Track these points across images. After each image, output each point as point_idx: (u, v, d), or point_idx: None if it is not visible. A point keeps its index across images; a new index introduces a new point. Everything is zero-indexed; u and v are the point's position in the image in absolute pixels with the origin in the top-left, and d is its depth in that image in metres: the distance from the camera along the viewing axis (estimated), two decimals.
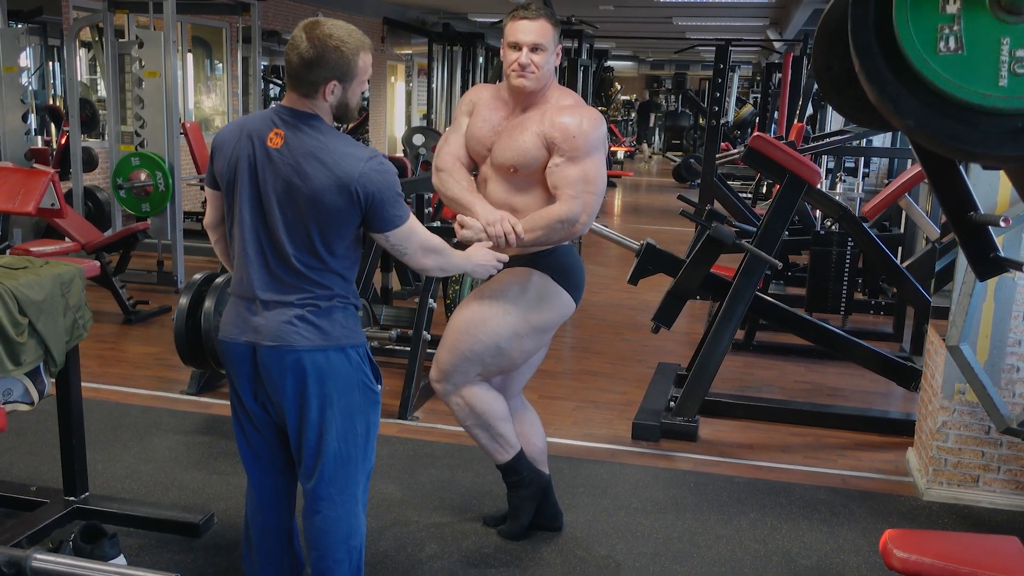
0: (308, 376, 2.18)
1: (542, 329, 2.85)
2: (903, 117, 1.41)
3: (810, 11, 10.56)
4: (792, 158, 4.04)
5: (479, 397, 2.90)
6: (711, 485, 3.60)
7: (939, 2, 1.37)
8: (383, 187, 2.12)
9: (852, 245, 5.22)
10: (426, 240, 2.27)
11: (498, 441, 2.95)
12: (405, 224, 2.19)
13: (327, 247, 2.16)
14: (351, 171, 2.09)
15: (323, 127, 2.14)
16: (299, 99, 2.14)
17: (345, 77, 2.11)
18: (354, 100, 2.20)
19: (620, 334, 5.92)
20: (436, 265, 2.33)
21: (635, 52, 23.70)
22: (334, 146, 2.12)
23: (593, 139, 2.69)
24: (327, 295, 2.20)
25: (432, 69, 12.46)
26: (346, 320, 2.23)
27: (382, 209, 2.14)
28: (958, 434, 3.49)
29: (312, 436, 2.24)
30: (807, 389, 4.91)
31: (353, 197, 2.11)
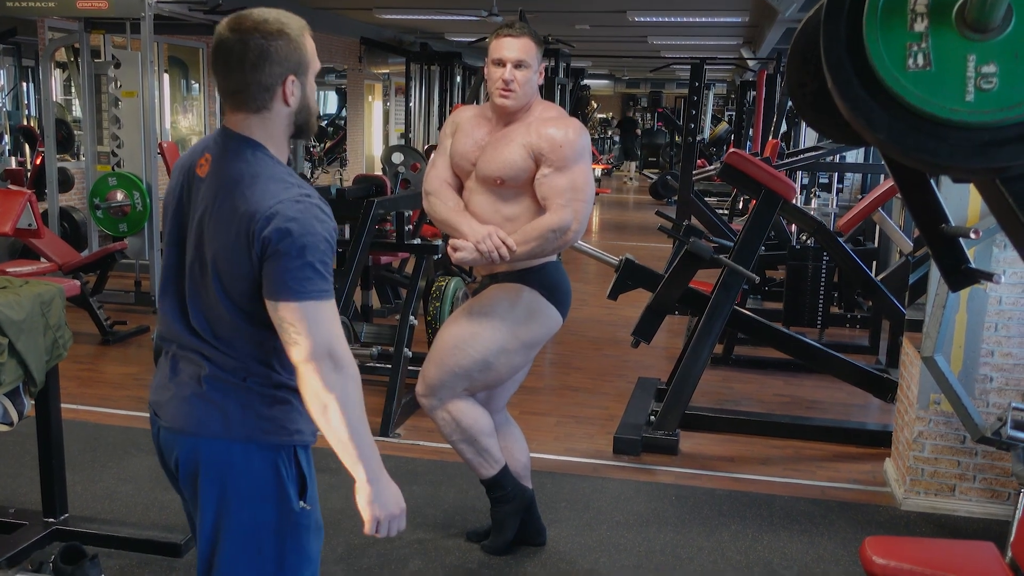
0: (201, 471, 1.69)
1: (530, 345, 2.88)
2: (875, 131, 1.46)
3: (783, 30, 10.70)
4: (767, 174, 4.10)
5: (465, 412, 2.91)
6: (692, 498, 3.62)
7: (908, 20, 1.41)
8: (290, 236, 1.54)
9: (828, 259, 5.29)
10: (337, 345, 1.59)
11: (483, 456, 2.96)
12: (309, 302, 1.56)
13: (234, 305, 1.64)
14: (257, 207, 1.56)
15: (260, 153, 1.64)
16: (246, 118, 1.65)
17: (300, 67, 1.64)
18: (314, 100, 1.72)
19: (600, 349, 5.95)
20: (331, 390, 1.57)
21: (611, 71, 23.89)
22: (257, 174, 1.61)
23: (579, 147, 2.73)
24: (237, 370, 1.67)
25: (409, 88, 12.51)
26: (266, 410, 1.67)
27: (277, 266, 1.55)
28: (934, 444, 3.55)
29: (204, 548, 1.74)
30: (786, 402, 4.95)
31: (250, 240, 1.57)
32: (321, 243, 1.57)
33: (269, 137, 1.66)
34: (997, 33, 1.38)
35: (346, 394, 1.58)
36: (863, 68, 1.46)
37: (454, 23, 12.87)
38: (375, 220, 4.51)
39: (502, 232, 2.72)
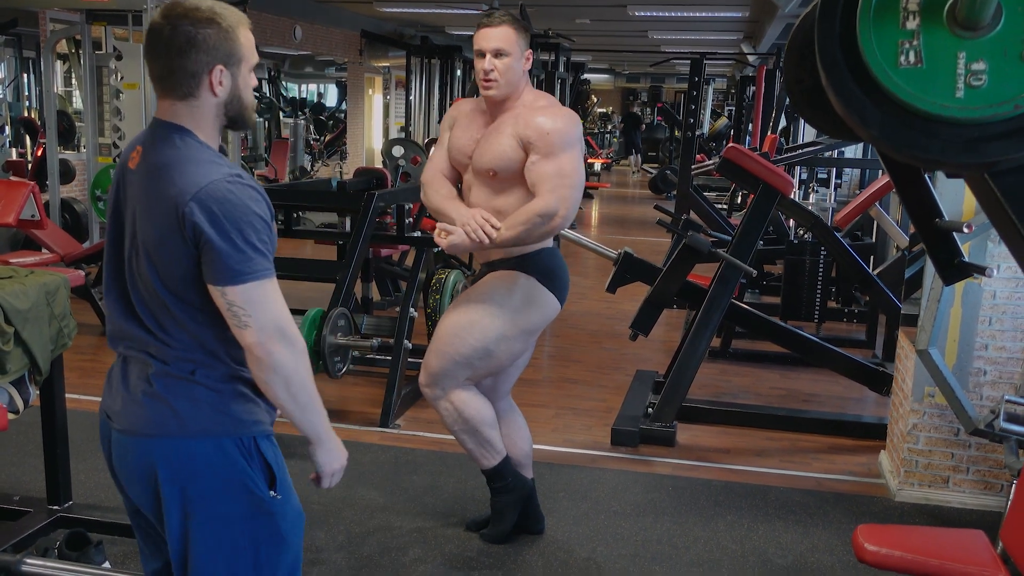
0: (160, 473, 1.65)
1: (529, 331, 2.91)
2: (868, 127, 1.49)
3: (783, 26, 10.71)
4: (765, 168, 4.13)
5: (468, 403, 2.95)
6: (689, 489, 3.66)
7: (900, 18, 1.44)
8: (223, 217, 1.52)
9: (825, 254, 5.32)
10: (285, 322, 1.60)
11: (484, 447, 3.00)
12: (253, 283, 1.55)
13: (172, 293, 1.61)
14: (184, 189, 1.54)
15: (188, 138, 1.62)
16: (172, 105, 1.63)
17: (231, 59, 1.61)
18: (248, 94, 1.67)
19: (599, 343, 5.99)
20: (285, 367, 1.59)
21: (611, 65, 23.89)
22: (185, 158, 1.59)
23: (568, 135, 2.76)
24: (184, 364, 1.64)
25: (410, 82, 12.52)
26: (218, 401, 1.65)
27: (213, 250, 1.53)
28: (928, 436, 3.59)
29: (176, 549, 1.70)
30: (782, 395, 4.99)
31: (181, 224, 1.54)
32: (256, 221, 1.56)
33: (197, 125, 1.63)
34: (987, 31, 1.41)
35: (300, 369, 1.61)
36: (856, 65, 1.50)
37: (455, 16, 12.88)
38: (376, 213, 4.55)
39: (486, 213, 2.77)
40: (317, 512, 3.32)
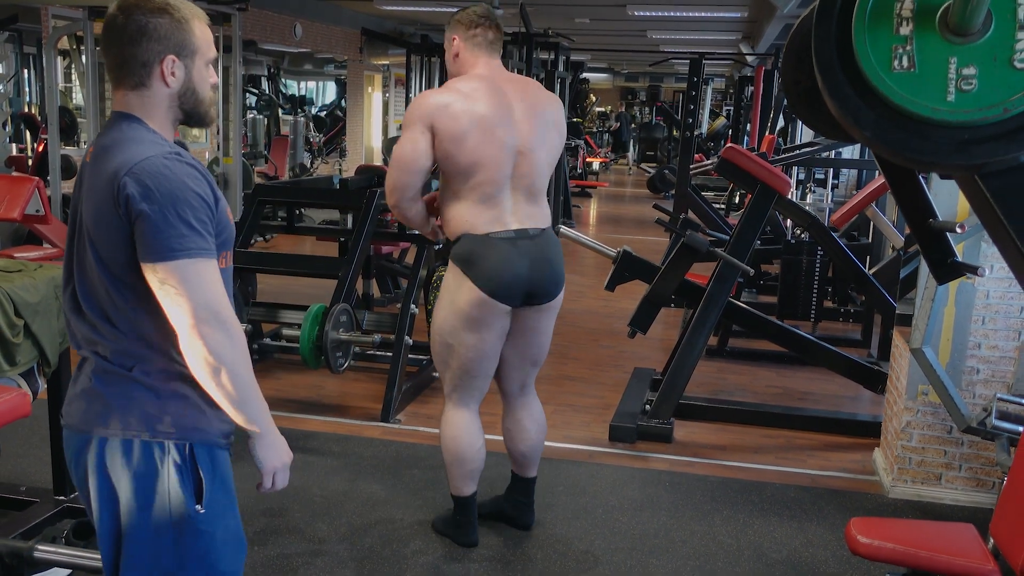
0: (90, 471, 1.60)
1: (466, 318, 2.88)
2: (862, 129, 1.54)
3: (781, 26, 10.77)
4: (763, 169, 4.18)
5: (449, 427, 3.07)
6: (685, 484, 3.71)
7: (894, 24, 1.49)
8: (156, 191, 1.48)
9: (822, 254, 5.38)
10: (221, 306, 1.52)
11: (448, 472, 3.13)
12: (186, 260, 1.49)
13: (113, 277, 1.55)
14: (123, 164, 1.51)
15: (136, 124, 1.58)
16: (125, 95, 1.60)
17: (184, 49, 1.58)
18: (204, 88, 1.63)
19: (597, 340, 6.04)
20: (218, 353, 1.50)
21: (610, 64, 23.94)
22: (128, 138, 1.56)
23: (408, 116, 2.86)
24: (124, 358, 1.58)
25: (409, 79, 12.57)
26: (155, 401, 1.57)
27: (147, 225, 1.48)
28: (921, 434, 3.64)
29: (106, 551, 1.64)
30: (778, 393, 5.04)
31: (116, 199, 1.50)
32: (193, 199, 1.51)
33: (147, 114, 1.60)
34: (977, 37, 1.46)
35: (235, 356, 1.53)
36: (851, 68, 1.54)
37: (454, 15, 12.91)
38: (377, 210, 4.59)
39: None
40: (320, 504, 3.37)
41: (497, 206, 2.84)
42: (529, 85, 2.99)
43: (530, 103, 2.88)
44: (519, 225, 2.85)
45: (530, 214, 2.89)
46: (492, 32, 2.90)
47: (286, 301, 5.88)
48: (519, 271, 2.83)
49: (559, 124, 2.97)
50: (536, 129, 2.86)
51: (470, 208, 2.84)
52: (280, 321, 4.84)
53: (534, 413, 3.16)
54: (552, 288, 2.94)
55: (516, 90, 2.88)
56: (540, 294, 2.91)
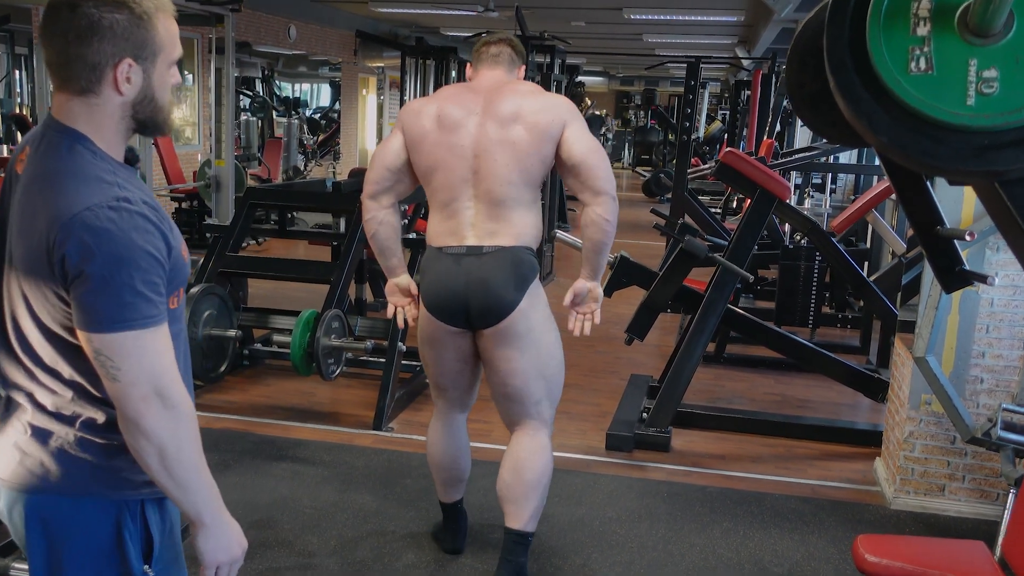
0: (26, 529, 1.44)
1: (422, 331, 2.82)
2: (877, 133, 1.47)
3: (778, 30, 10.74)
4: (763, 173, 4.12)
5: (429, 433, 3.03)
6: (684, 495, 3.64)
7: (911, 24, 1.42)
8: (98, 251, 1.28)
9: (820, 259, 5.32)
10: (166, 380, 1.34)
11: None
12: (128, 332, 1.30)
13: (47, 330, 1.37)
14: (60, 212, 1.30)
15: (80, 147, 1.35)
16: (68, 101, 1.36)
17: (143, 51, 1.35)
18: (163, 94, 1.40)
19: (593, 347, 5.95)
20: (158, 434, 1.33)
21: (605, 68, 23.91)
22: (67, 171, 1.33)
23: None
24: (65, 410, 1.39)
25: (404, 82, 12.49)
26: (101, 456, 1.40)
27: (86, 290, 1.29)
28: (924, 444, 3.57)
29: None
30: (777, 401, 4.98)
31: (50, 254, 1.30)
32: (142, 258, 1.30)
33: (95, 128, 1.37)
34: (999, 38, 1.39)
35: (179, 438, 1.34)
36: (865, 70, 1.47)
37: (450, 17, 12.87)
38: None
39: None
40: (309, 516, 3.29)
41: (455, 217, 2.67)
42: (508, 86, 2.74)
43: (495, 101, 2.66)
44: (476, 242, 2.65)
45: (491, 231, 2.64)
46: (495, 47, 2.83)
47: (278, 305, 5.80)
48: (453, 289, 2.65)
49: (528, 118, 2.61)
50: (492, 128, 2.62)
51: (434, 218, 2.76)
52: (271, 327, 4.76)
53: (514, 454, 2.83)
54: (487, 314, 2.64)
55: (491, 91, 2.70)
56: (476, 317, 2.67)
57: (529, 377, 2.76)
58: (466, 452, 3.04)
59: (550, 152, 2.66)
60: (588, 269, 2.78)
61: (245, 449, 3.88)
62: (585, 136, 2.67)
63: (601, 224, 2.64)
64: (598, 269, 2.78)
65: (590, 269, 2.77)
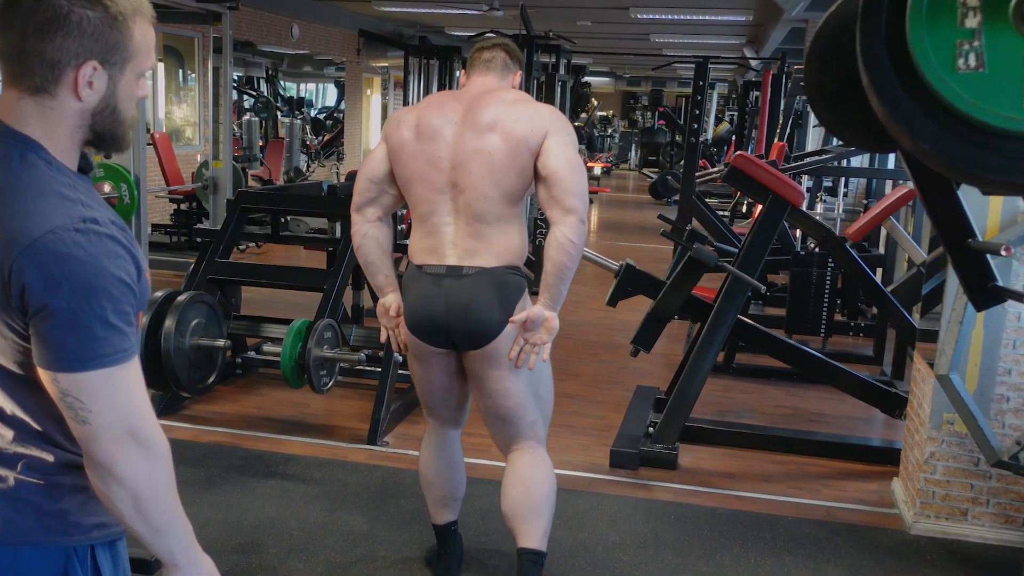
0: None
1: (409, 346, 2.67)
2: (918, 140, 1.29)
3: (788, 30, 10.55)
4: (775, 178, 3.93)
5: (421, 449, 2.89)
6: (692, 517, 3.46)
7: (958, 15, 1.25)
8: (64, 281, 1.13)
9: (832, 266, 5.13)
10: (140, 420, 1.20)
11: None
12: (99, 371, 1.16)
13: None
14: (20, 234, 1.14)
15: (33, 156, 1.20)
16: (19, 100, 1.20)
17: (112, 55, 1.20)
18: (128, 106, 1.26)
19: (596, 355, 5.78)
20: (133, 479, 1.20)
21: (612, 68, 23.73)
22: (23, 186, 1.18)
23: None
24: (6, 453, 1.24)
25: (408, 82, 12.32)
26: (47, 499, 1.25)
27: (51, 323, 1.14)
28: (946, 466, 3.38)
29: None
30: (788, 414, 4.79)
31: (7, 284, 1.15)
32: (113, 286, 1.15)
33: (49, 134, 1.21)
34: None
35: (155, 481, 1.22)
36: (905, 68, 1.30)
37: (454, 17, 12.71)
38: None
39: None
40: (296, 539, 3.12)
41: (436, 234, 2.50)
42: (493, 93, 2.54)
43: (476, 109, 2.48)
44: (456, 261, 2.49)
45: (471, 249, 2.48)
46: (488, 52, 2.65)
47: (274, 311, 5.63)
48: (433, 312, 2.50)
49: (506, 126, 2.42)
50: (469, 138, 2.44)
51: (415, 233, 2.59)
52: (263, 335, 4.58)
53: (518, 471, 2.68)
54: (469, 337, 2.50)
55: (474, 99, 2.52)
56: (459, 341, 2.53)
57: (523, 396, 2.63)
58: (460, 469, 2.90)
59: (528, 165, 2.45)
60: (547, 296, 2.49)
61: (232, 465, 3.71)
62: (566, 149, 2.45)
63: (566, 246, 2.39)
64: (558, 298, 2.50)
65: (549, 296, 2.49)
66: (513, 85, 2.69)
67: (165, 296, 3.85)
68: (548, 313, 2.52)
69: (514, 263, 2.55)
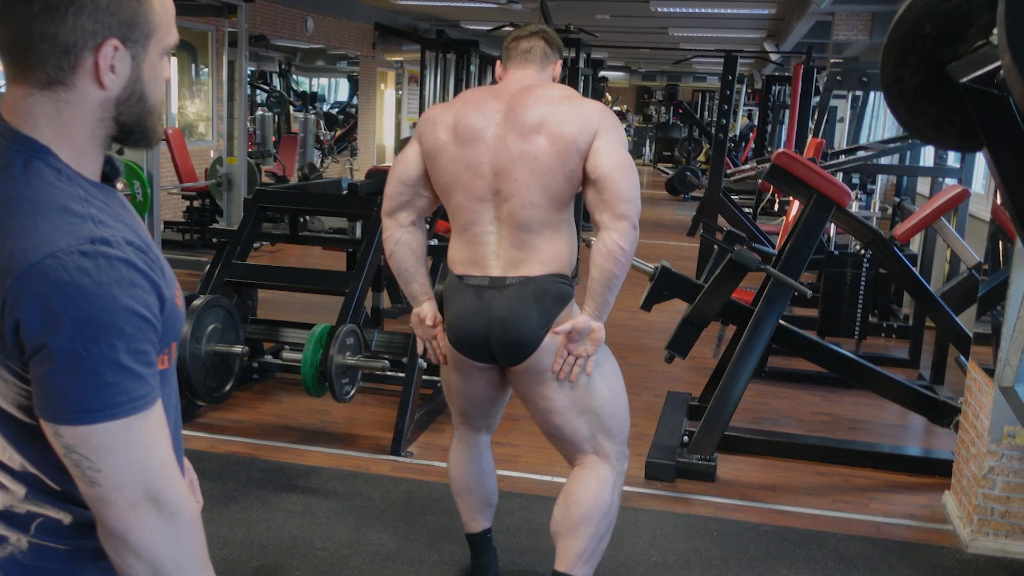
0: None
1: (449, 357, 2.52)
2: None
3: (812, 23, 10.31)
4: (820, 177, 3.74)
5: (449, 455, 2.76)
6: (736, 534, 3.28)
7: None
8: (70, 318, 0.94)
9: (868, 266, 4.95)
10: (159, 480, 1.01)
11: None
12: (109, 423, 0.97)
13: None
14: (15, 257, 0.95)
15: (39, 163, 1.01)
16: (27, 96, 1.02)
17: (133, 31, 1.02)
18: (156, 90, 1.08)
19: (624, 358, 5.58)
20: (152, 550, 1.01)
21: (627, 63, 23.48)
22: (27, 199, 0.99)
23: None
24: (18, 510, 1.06)
25: (424, 76, 12.15)
26: (63, 567, 1.07)
27: (52, 367, 0.95)
28: (1006, 481, 3.20)
29: None
30: (826, 421, 4.60)
31: (0, 316, 0.96)
32: (127, 321, 0.96)
33: (64, 135, 1.03)
34: None
35: (179, 552, 1.02)
36: None
37: (471, 10, 12.52)
38: None
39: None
40: (321, 560, 2.95)
41: (478, 243, 2.35)
42: (536, 90, 2.36)
43: (519, 108, 2.31)
44: (500, 272, 2.34)
45: (515, 260, 2.33)
46: (526, 41, 2.47)
47: (291, 313, 5.48)
48: (475, 327, 2.36)
49: (553, 128, 2.26)
50: (513, 141, 2.28)
51: (456, 241, 2.43)
52: (282, 340, 4.42)
53: (567, 487, 2.52)
54: (510, 353, 2.35)
55: (516, 97, 2.35)
56: (500, 356, 2.38)
57: (569, 414, 2.43)
58: (492, 475, 2.77)
59: (577, 168, 2.28)
60: (593, 305, 2.33)
61: (251, 478, 3.55)
62: (617, 150, 2.28)
63: (616, 254, 2.24)
64: (605, 307, 2.33)
65: (595, 306, 2.33)
66: (554, 75, 2.52)
67: None
68: (595, 324, 2.35)
69: (562, 271, 2.38)
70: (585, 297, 2.35)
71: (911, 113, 2.21)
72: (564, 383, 2.38)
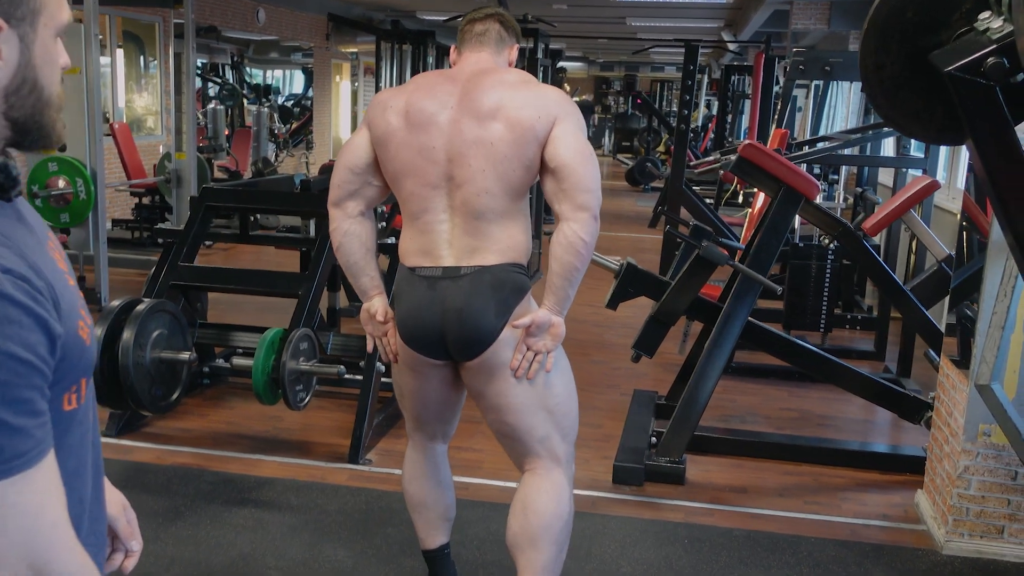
0: None
1: (400, 355, 2.38)
2: None
3: (770, 12, 10.27)
4: (788, 170, 3.64)
5: (404, 467, 2.62)
6: (707, 540, 3.17)
7: None
8: None
9: (832, 259, 4.88)
10: (40, 547, 0.85)
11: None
12: None
13: None
14: None
15: None
16: None
17: (15, 7, 0.88)
18: (50, 77, 0.93)
19: (587, 355, 5.48)
20: None
21: (585, 53, 23.41)
22: None
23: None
24: None
25: (380, 68, 11.92)
26: None
27: None
28: (981, 480, 3.12)
29: None
30: (794, 417, 4.52)
31: None
32: (3, 367, 0.81)
33: None
34: None
35: None
36: None
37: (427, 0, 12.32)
38: None
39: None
40: None
41: (430, 232, 2.22)
42: (493, 75, 2.26)
43: (474, 92, 2.19)
44: (453, 262, 2.22)
45: (470, 248, 2.21)
46: (481, 24, 2.34)
47: (242, 314, 5.28)
48: (428, 320, 2.23)
49: (510, 113, 2.14)
50: (468, 126, 2.16)
51: (406, 231, 2.30)
52: (233, 344, 4.23)
53: (521, 496, 2.39)
54: (466, 347, 2.22)
55: (471, 80, 2.23)
56: (456, 351, 2.25)
57: (526, 412, 2.31)
58: (450, 487, 2.62)
59: (534, 155, 2.17)
60: (553, 299, 2.21)
61: (200, 491, 3.36)
62: (576, 138, 2.17)
63: (577, 246, 2.13)
64: (565, 301, 2.22)
65: (555, 300, 2.21)
66: (510, 60, 2.39)
67: (122, 305, 3.48)
68: (555, 318, 2.24)
69: (519, 260, 2.26)
70: (545, 291, 2.23)
71: (891, 103, 2.09)
72: (522, 380, 2.26)
